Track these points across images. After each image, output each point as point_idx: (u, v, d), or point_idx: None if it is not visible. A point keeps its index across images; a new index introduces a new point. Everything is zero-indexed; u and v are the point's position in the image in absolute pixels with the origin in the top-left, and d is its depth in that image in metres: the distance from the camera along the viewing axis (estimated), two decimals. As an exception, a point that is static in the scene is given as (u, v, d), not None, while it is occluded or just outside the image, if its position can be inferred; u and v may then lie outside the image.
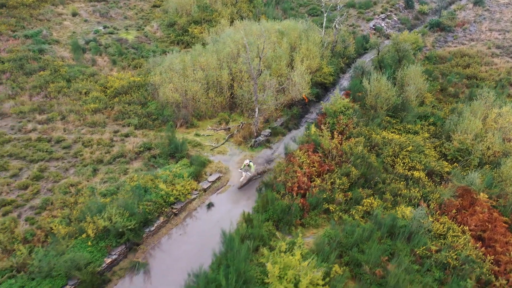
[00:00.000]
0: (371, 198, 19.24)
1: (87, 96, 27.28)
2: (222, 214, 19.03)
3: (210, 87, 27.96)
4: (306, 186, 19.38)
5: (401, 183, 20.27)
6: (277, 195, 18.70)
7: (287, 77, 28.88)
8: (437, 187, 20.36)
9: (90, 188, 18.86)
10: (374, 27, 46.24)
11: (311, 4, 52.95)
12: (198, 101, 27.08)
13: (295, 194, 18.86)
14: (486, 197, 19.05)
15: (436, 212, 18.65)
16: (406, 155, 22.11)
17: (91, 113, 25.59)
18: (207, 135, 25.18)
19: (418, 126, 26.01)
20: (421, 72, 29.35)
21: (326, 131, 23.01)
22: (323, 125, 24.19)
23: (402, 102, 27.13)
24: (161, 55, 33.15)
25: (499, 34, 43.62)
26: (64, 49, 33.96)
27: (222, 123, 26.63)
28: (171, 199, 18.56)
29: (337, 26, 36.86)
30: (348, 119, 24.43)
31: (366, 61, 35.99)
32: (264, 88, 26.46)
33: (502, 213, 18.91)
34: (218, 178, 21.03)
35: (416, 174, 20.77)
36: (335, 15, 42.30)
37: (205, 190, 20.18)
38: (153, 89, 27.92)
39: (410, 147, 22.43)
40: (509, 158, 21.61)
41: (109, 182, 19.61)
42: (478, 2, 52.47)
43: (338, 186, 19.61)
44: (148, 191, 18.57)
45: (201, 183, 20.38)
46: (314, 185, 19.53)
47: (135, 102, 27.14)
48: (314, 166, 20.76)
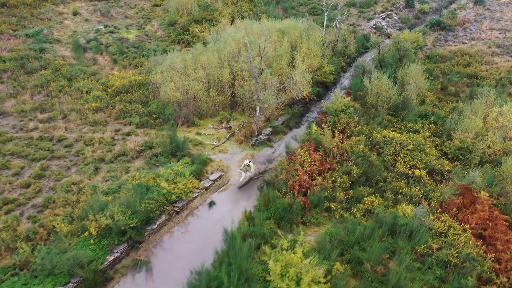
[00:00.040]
0: (372, 197, 19.31)
1: (88, 95, 27.31)
2: (223, 213, 19.09)
3: (211, 86, 28.00)
4: (307, 185, 19.43)
5: (402, 182, 20.34)
6: (278, 194, 18.75)
7: (288, 76, 28.91)
8: (438, 186, 20.43)
9: (92, 186, 18.93)
10: (374, 26, 46.25)
11: (312, 3, 52.95)
12: (199, 100, 27.13)
13: (297, 192, 18.92)
14: (487, 195, 19.13)
15: (437, 210, 18.72)
16: (407, 154, 22.16)
17: (93, 112, 25.63)
18: (208, 134, 25.23)
19: (418, 125, 26.06)
20: (421, 71, 29.40)
21: (327, 130, 23.05)
22: (324, 123, 24.23)
23: (403, 101, 27.18)
24: (162, 54, 33.17)
25: (500, 33, 43.64)
26: (65, 48, 33.99)
27: (223, 122, 26.67)
28: (173, 198, 18.62)
29: (337, 25, 36.88)
30: (349, 118, 24.47)
31: (367, 60, 36.03)
32: (265, 87, 26.49)
33: (502, 211, 18.99)
34: (220, 177, 21.09)
35: (417, 172, 20.83)
36: (336, 14, 42.31)
37: (206, 189, 20.24)
38: (154, 88, 27.96)
39: (411, 146, 22.48)
40: (509, 156, 21.68)
41: (111, 180, 19.67)
42: (478, 1, 52.48)
43: (339, 185, 19.67)
44: (150, 190, 18.62)
45: (202, 182, 20.42)
46: (315, 183, 19.58)
47: (136, 101, 27.18)
48: (315, 165, 20.80)
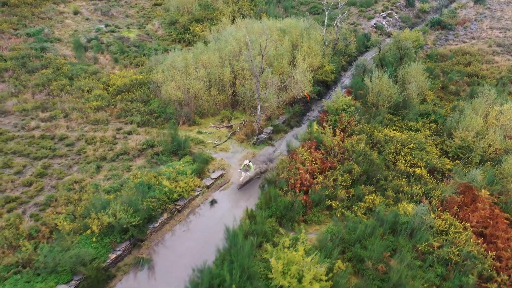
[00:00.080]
0: (373, 195, 19.36)
1: (90, 94, 27.36)
2: (225, 211, 19.14)
3: (212, 85, 28.04)
4: (308, 183, 19.49)
5: (403, 180, 20.39)
6: (280, 192, 18.81)
7: (289, 75, 28.95)
8: (438, 184, 20.47)
9: (94, 185, 18.99)
10: (375, 26, 46.28)
11: (312, 2, 52.96)
12: (200, 99, 27.17)
13: (298, 190, 18.97)
14: (487, 194, 19.15)
15: (438, 208, 18.77)
16: (408, 153, 22.20)
17: (94, 110, 25.68)
18: (210, 133, 25.29)
19: (419, 123, 26.09)
20: (422, 70, 29.43)
21: (328, 129, 23.09)
22: (325, 122, 24.29)
23: (403, 100, 27.20)
24: (163, 53, 33.22)
25: (500, 32, 43.66)
26: (66, 47, 34.02)
27: (224, 121, 26.72)
28: (175, 196, 18.67)
29: (338, 24, 36.91)
30: (350, 117, 24.52)
31: (368, 59, 36.05)
32: (266, 86, 26.53)
33: (503, 209, 19.02)
34: (221, 175, 21.14)
35: (418, 171, 20.87)
36: (336, 13, 42.37)
37: (208, 187, 20.29)
38: (155, 87, 28.01)
39: (412, 145, 22.51)
40: (510, 155, 21.71)
41: (112, 179, 19.73)
42: (478, 1, 52.49)
43: (340, 183, 19.72)
44: (151, 188, 18.68)
45: (204, 180, 20.48)
46: (316, 182, 19.64)
47: (138, 100, 27.23)
48: (316, 163, 20.86)
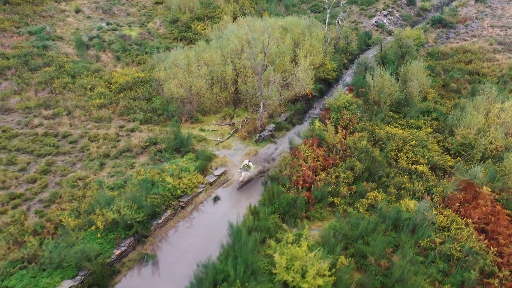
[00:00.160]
0: (375, 192, 19.47)
1: (92, 91, 27.45)
2: (228, 207, 19.25)
3: (215, 83, 28.13)
4: (311, 180, 19.59)
5: (404, 177, 20.49)
6: (282, 189, 18.91)
7: (291, 72, 29.03)
8: (440, 181, 20.58)
9: (97, 181, 19.08)
10: (376, 24, 46.34)
11: (313, 0, 53.00)
12: (203, 96, 27.26)
13: (301, 187, 19.08)
14: (489, 190, 19.27)
15: (439, 205, 18.87)
16: (410, 150, 22.32)
17: (97, 108, 25.78)
18: (212, 130, 25.39)
19: (421, 121, 26.21)
20: (423, 68, 29.51)
21: (330, 126, 23.20)
22: (327, 120, 24.38)
23: (405, 98, 27.31)
24: (164, 51, 33.29)
25: (501, 31, 43.74)
26: (68, 45, 34.09)
27: (226, 118, 26.81)
28: (178, 193, 18.77)
29: (340, 22, 36.96)
30: (351, 114, 24.62)
31: (369, 57, 36.13)
32: (268, 83, 26.62)
33: (504, 206, 19.16)
34: (224, 172, 21.23)
35: (419, 168, 20.99)
36: (338, 12, 42.39)
37: (211, 184, 20.39)
38: (157, 84, 28.09)
39: (414, 142, 22.63)
40: (511, 152, 21.81)
41: (116, 176, 19.83)
42: (480, -1, 52.56)
43: (342, 180, 19.83)
44: (155, 185, 18.77)
45: (207, 177, 20.57)
46: (319, 178, 19.74)
47: (140, 97, 27.32)
48: (318, 160, 20.96)
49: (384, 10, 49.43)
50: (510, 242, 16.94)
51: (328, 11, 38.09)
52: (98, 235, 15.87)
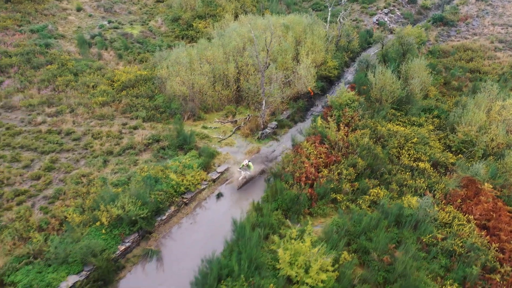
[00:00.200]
0: (378, 188, 19.57)
1: (95, 89, 27.53)
2: (231, 204, 19.37)
3: (217, 81, 28.21)
4: (313, 177, 19.70)
5: (406, 174, 20.60)
6: (285, 185, 19.00)
7: (293, 70, 29.13)
8: (442, 178, 20.68)
9: (101, 178, 19.20)
10: (377, 22, 46.40)
11: (314, -1, 53.05)
12: (205, 94, 27.36)
13: (303, 184, 19.18)
14: (490, 187, 19.40)
15: (441, 201, 18.99)
16: (411, 147, 22.43)
17: (99, 106, 25.87)
18: (214, 128, 25.49)
19: (422, 118, 26.30)
20: (425, 65, 29.58)
21: (332, 123, 23.29)
22: (329, 117, 24.46)
23: (406, 95, 27.40)
24: (166, 50, 33.37)
25: (502, 29, 43.79)
26: (70, 43, 34.16)
27: (229, 116, 26.91)
28: (182, 189, 18.88)
29: (341, 20, 37.04)
30: (353, 112, 24.71)
31: (371, 55, 36.21)
32: (270, 81, 26.71)
33: (506, 202, 19.26)
34: (227, 169, 21.34)
35: (421, 165, 21.08)
36: (339, 10, 42.45)
37: (214, 181, 20.51)
38: (160, 82, 28.18)
39: (415, 139, 22.74)
40: (513, 149, 21.94)
41: (119, 172, 19.94)
42: (480, -3, 52.54)
43: (345, 177, 19.94)
44: (158, 181, 18.89)
45: (210, 174, 20.68)
46: (321, 175, 19.85)
47: (143, 95, 27.39)
48: (321, 157, 21.06)
49: (385, 8, 49.47)
50: (511, 238, 17.06)
51: (329, 9, 38.18)
52: (103, 231, 15.98)
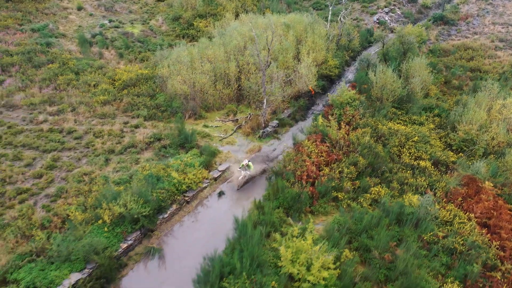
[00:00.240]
0: (379, 187, 19.62)
1: (96, 88, 27.58)
2: (233, 202, 19.43)
3: (218, 79, 28.25)
4: (315, 175, 19.76)
5: (407, 172, 20.66)
6: (287, 183, 19.05)
7: (294, 69, 29.16)
8: (443, 176, 20.74)
9: (103, 177, 19.25)
10: (378, 21, 46.43)
11: (315, -2, 53.08)
12: (206, 93, 27.40)
13: (305, 182, 19.24)
14: (491, 185, 19.43)
15: (442, 200, 19.05)
16: (412, 145, 22.47)
17: (101, 104, 25.91)
18: (216, 126, 25.54)
19: (423, 117, 26.35)
20: (425, 64, 29.62)
21: (333, 122, 23.34)
22: (330, 116, 24.52)
23: (407, 94, 27.44)
24: (167, 49, 33.40)
25: (502, 28, 43.81)
26: (71, 42, 34.20)
27: (230, 115, 26.96)
28: (183, 187, 18.93)
29: (342, 19, 37.07)
30: (354, 110, 24.76)
31: (371, 54, 36.25)
32: (271, 80, 26.75)
33: (507, 201, 19.31)
34: (228, 168, 21.38)
35: (422, 163, 21.13)
36: (340, 9, 42.49)
37: (215, 179, 20.56)
38: (161, 81, 28.22)
39: (416, 138, 22.78)
40: (513, 148, 21.99)
41: (121, 171, 19.99)
42: (481, -4, 52.55)
43: (346, 175, 19.99)
44: (160, 180, 18.94)
45: (211, 172, 20.73)
46: (322, 174, 19.91)
47: (144, 94, 27.44)
48: (322, 156, 21.11)
49: (385, 7, 49.51)
50: (512, 236, 17.13)
51: (330, 8, 38.21)
52: (105, 229, 16.04)
